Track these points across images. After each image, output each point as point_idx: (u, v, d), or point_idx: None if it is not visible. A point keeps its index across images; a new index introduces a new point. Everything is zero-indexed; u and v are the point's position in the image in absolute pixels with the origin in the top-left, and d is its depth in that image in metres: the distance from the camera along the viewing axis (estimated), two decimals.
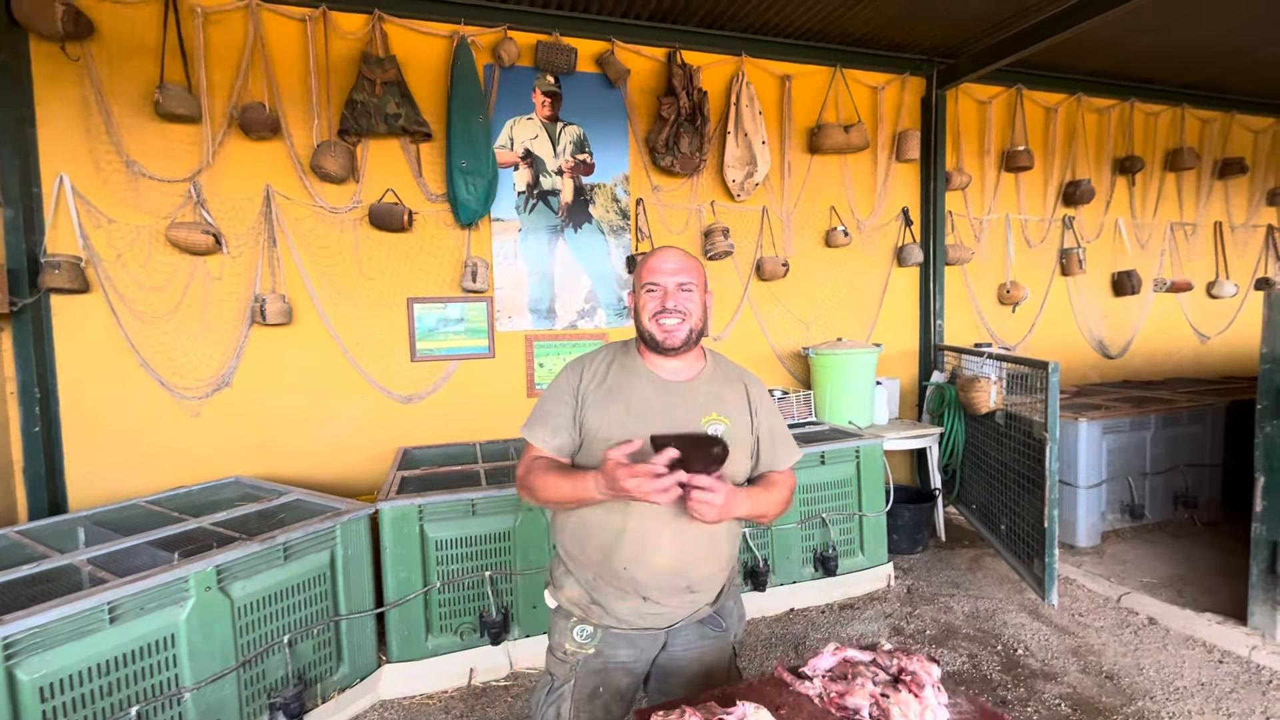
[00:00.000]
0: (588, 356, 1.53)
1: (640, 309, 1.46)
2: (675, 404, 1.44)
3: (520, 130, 3.73)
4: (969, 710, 1.20)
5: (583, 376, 1.47)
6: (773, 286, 4.33)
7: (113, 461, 3.15)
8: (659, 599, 1.41)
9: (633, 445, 1.25)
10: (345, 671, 2.55)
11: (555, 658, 1.49)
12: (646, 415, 1.40)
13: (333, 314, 3.47)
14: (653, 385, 1.45)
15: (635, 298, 1.50)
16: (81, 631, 1.84)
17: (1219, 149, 5.59)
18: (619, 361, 1.50)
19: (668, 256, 1.46)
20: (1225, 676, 2.61)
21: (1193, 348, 5.79)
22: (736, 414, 1.48)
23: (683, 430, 1.38)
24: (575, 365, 1.51)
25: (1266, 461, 2.75)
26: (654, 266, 1.45)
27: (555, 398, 1.48)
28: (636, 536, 1.38)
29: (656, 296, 1.43)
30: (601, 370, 1.48)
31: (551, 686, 1.47)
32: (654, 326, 1.43)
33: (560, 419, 1.45)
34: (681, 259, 1.47)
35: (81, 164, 3.04)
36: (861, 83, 4.42)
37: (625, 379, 1.46)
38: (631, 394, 1.44)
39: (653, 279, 1.44)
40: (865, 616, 3.22)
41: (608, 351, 1.53)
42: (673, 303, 1.42)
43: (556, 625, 1.50)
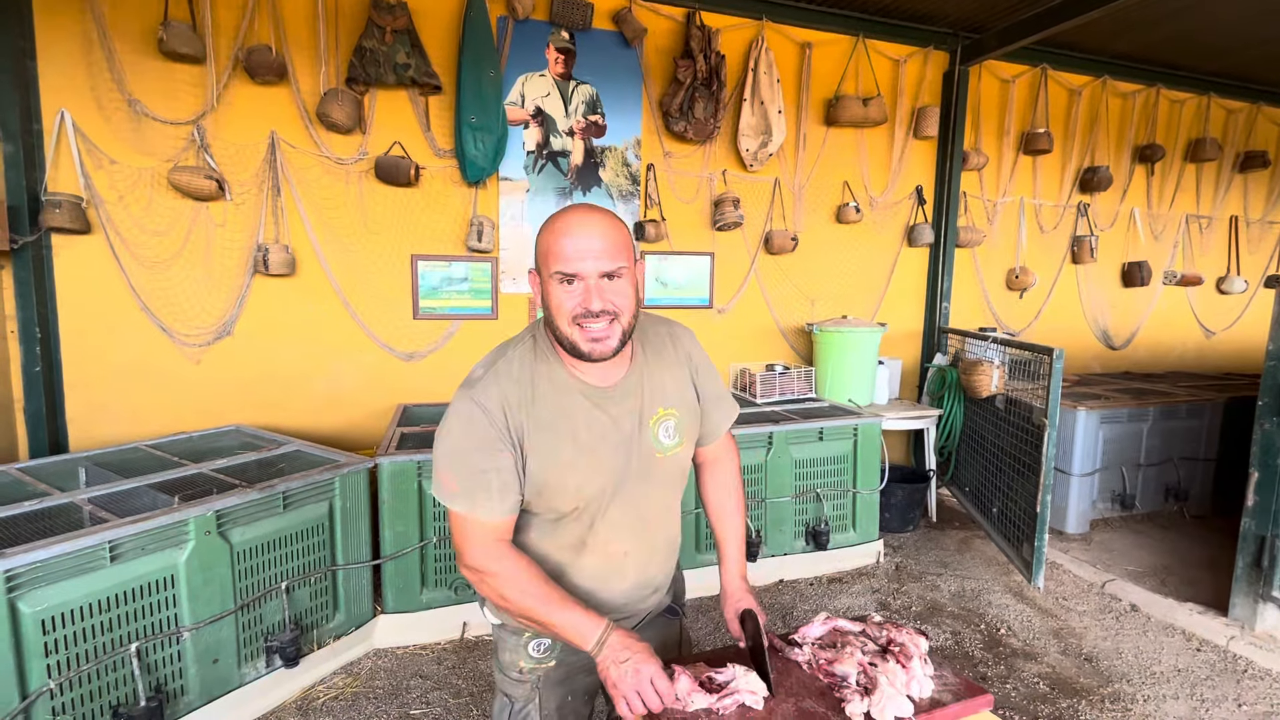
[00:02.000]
0: (495, 376, 1.14)
1: (552, 306, 1.10)
2: (619, 414, 1.19)
3: (532, 87, 3.64)
4: (954, 683, 1.23)
5: (506, 411, 1.11)
6: (780, 260, 4.29)
7: (113, 404, 3.16)
8: (624, 609, 1.30)
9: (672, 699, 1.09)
10: (341, 619, 2.60)
11: (510, 678, 1.28)
12: (594, 443, 1.16)
13: (336, 267, 3.44)
14: (589, 400, 1.17)
15: (541, 283, 1.13)
16: (83, 568, 1.87)
17: (1242, 141, 5.48)
18: (541, 375, 1.15)
19: (586, 230, 1.07)
20: (1202, 664, 2.67)
21: (1197, 342, 5.77)
22: (680, 396, 1.27)
23: (629, 450, 1.21)
24: (483, 394, 1.12)
25: (1262, 458, 2.76)
26: (567, 250, 1.06)
27: (481, 447, 1.10)
28: (596, 569, 1.24)
29: (575, 294, 1.08)
30: (526, 396, 1.13)
31: (513, 710, 1.28)
32: (577, 335, 1.09)
33: (504, 474, 1.11)
34: (606, 233, 1.08)
35: (83, 101, 2.97)
36: (883, 54, 4.31)
37: (558, 401, 1.15)
38: (573, 420, 1.15)
39: (566, 267, 1.06)
40: (853, 591, 3.27)
41: (518, 363, 1.16)
42: (598, 302, 1.07)
43: (505, 643, 1.28)
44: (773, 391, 3.87)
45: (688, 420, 1.29)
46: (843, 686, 1.18)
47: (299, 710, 2.32)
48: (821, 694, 1.18)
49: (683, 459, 1.30)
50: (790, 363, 4.32)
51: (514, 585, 1.12)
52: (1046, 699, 2.44)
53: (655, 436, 1.23)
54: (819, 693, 1.19)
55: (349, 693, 2.42)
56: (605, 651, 1.10)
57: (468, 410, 1.12)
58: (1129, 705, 2.40)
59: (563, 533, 1.21)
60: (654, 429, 1.23)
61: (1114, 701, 2.42)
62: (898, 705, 1.12)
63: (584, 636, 1.11)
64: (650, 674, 1.09)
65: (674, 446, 1.26)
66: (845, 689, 1.17)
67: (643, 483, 1.23)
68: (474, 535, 1.14)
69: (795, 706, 1.15)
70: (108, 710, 1.92)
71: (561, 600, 1.12)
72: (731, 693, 1.14)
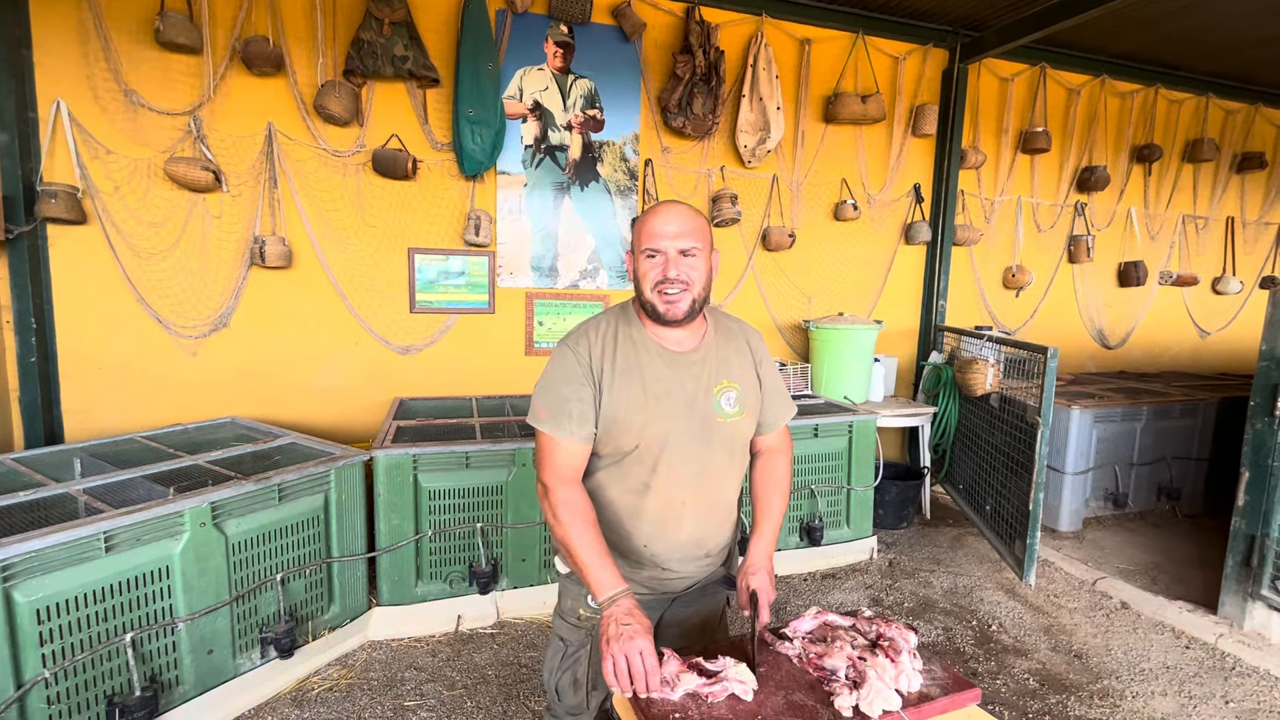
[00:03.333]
0: (586, 330, 1.40)
1: (640, 276, 1.35)
2: (686, 376, 1.37)
3: (530, 81, 3.63)
4: (942, 677, 1.24)
5: (591, 354, 1.35)
6: (777, 257, 4.29)
7: (109, 396, 3.15)
8: (677, 568, 1.41)
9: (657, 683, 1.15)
10: (336, 611, 2.60)
11: (568, 623, 1.45)
12: (661, 395, 1.34)
13: (333, 260, 3.44)
14: (661, 359, 1.37)
15: (634, 261, 1.37)
16: (78, 558, 1.87)
17: (1240, 142, 5.50)
18: (623, 334, 1.39)
19: (670, 216, 1.32)
20: (1190, 661, 2.69)
21: (1192, 343, 5.80)
22: (743, 375, 1.44)
23: (693, 408, 1.36)
24: (576, 341, 1.37)
25: (1253, 457, 2.78)
26: (655, 229, 1.32)
27: (569, 380, 1.34)
28: (657, 515, 1.37)
29: (658, 264, 1.32)
30: (609, 346, 1.37)
31: (565, 652, 1.44)
32: (656, 298, 1.33)
33: (584, 405, 1.33)
34: (686, 219, 1.33)
35: (79, 91, 2.96)
36: (883, 51, 4.31)
37: (634, 354, 1.36)
38: (644, 370, 1.35)
39: (653, 244, 1.32)
40: (846, 586, 3.29)
41: (607, 322, 1.41)
42: (675, 271, 1.31)
43: (568, 590, 1.45)
44: None
45: (749, 397, 1.44)
46: (832, 680, 1.19)
47: (294, 701, 2.33)
48: (811, 687, 1.20)
49: (741, 428, 1.43)
50: (786, 360, 4.33)
51: (567, 511, 1.29)
52: (1036, 695, 2.46)
53: (717, 403, 1.39)
54: (808, 686, 1.20)
55: (344, 684, 2.43)
56: (613, 608, 1.19)
57: (560, 354, 1.38)
58: (1117, 701, 2.42)
59: (629, 474, 1.36)
60: (717, 396, 1.39)
61: (1103, 698, 2.45)
62: (886, 699, 1.13)
63: (602, 586, 1.22)
64: (642, 646, 1.14)
65: (734, 414, 1.40)
66: (834, 682, 1.18)
67: (703, 444, 1.37)
68: (552, 455, 1.33)
69: (785, 699, 1.16)
70: (102, 700, 1.93)
71: (599, 548, 1.26)
72: (720, 680, 1.15)
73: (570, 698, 1.43)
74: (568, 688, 1.43)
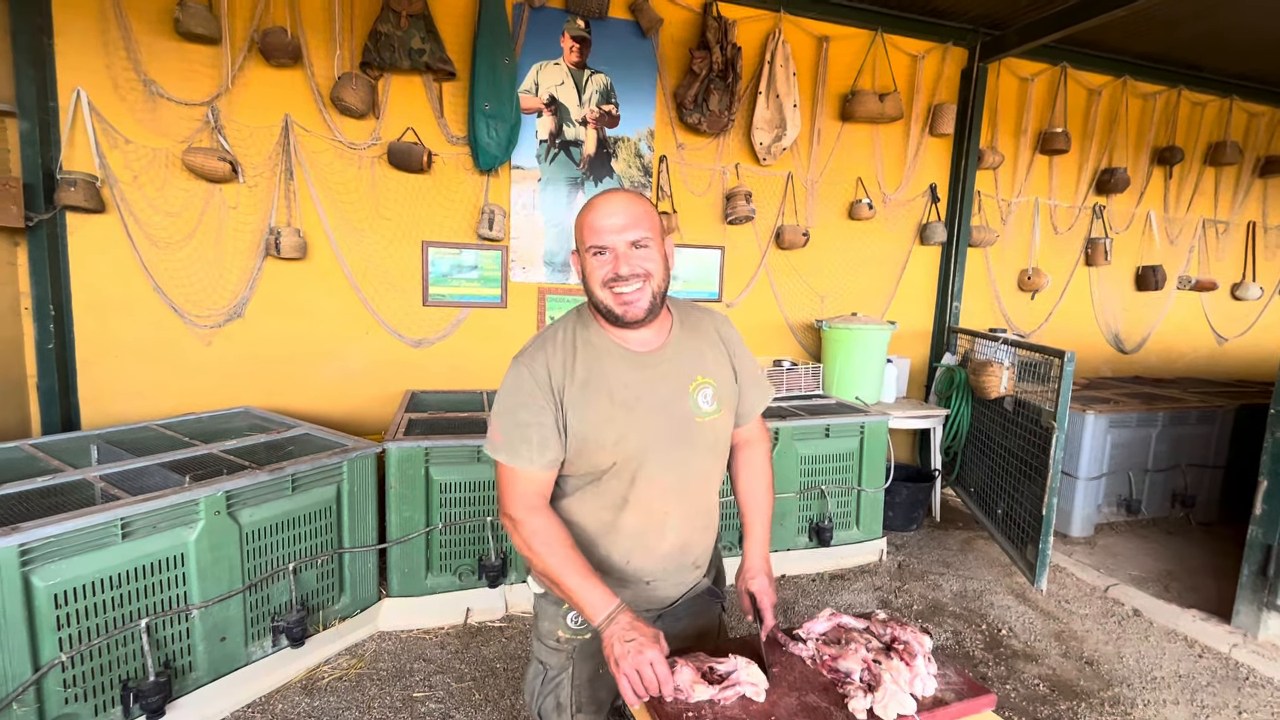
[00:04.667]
0: (543, 344, 1.26)
1: (588, 276, 1.22)
2: (655, 378, 1.26)
3: (546, 75, 3.62)
4: (957, 682, 1.23)
5: (550, 370, 1.22)
6: (791, 256, 4.27)
7: (125, 383, 3.18)
8: (661, 579, 1.35)
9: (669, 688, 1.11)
10: (346, 602, 2.62)
11: (547, 646, 1.36)
12: (632, 403, 1.23)
13: (347, 252, 3.45)
14: (626, 362, 1.25)
15: (579, 260, 1.25)
16: (94, 544, 1.89)
17: (1264, 145, 5.40)
18: (581, 340, 1.26)
19: (613, 207, 1.19)
20: (1203, 670, 2.66)
21: (1209, 348, 5.72)
22: (717, 369, 1.34)
23: (669, 412, 1.27)
24: (531, 357, 1.24)
25: (1273, 466, 2.74)
26: (597, 224, 1.19)
27: (526, 404, 1.22)
28: (636, 528, 1.29)
29: (606, 261, 1.20)
30: (568, 358, 1.24)
31: (546, 676, 1.37)
32: (609, 298, 1.20)
33: (544, 429, 1.21)
34: (631, 207, 1.20)
35: (99, 80, 2.98)
36: (901, 50, 4.26)
37: (596, 363, 1.24)
38: (609, 379, 1.23)
39: (598, 240, 1.19)
40: (855, 588, 3.28)
41: (563, 332, 1.28)
42: (627, 267, 1.19)
43: (545, 612, 1.36)
44: (780, 387, 3.87)
45: (726, 391, 1.35)
46: (846, 682, 1.18)
47: (304, 689, 2.35)
48: (825, 689, 1.19)
49: (721, 427, 1.35)
50: (798, 359, 4.31)
51: (542, 540, 1.20)
52: (1046, 701, 2.44)
53: (695, 402, 1.29)
54: (822, 688, 1.19)
55: (353, 674, 2.44)
56: (612, 628, 1.13)
57: (515, 373, 1.25)
58: (1129, 710, 2.40)
59: (605, 491, 1.27)
60: (693, 395, 1.29)
61: (1114, 705, 2.42)
62: (901, 703, 1.12)
63: (595, 609, 1.14)
64: (651, 657, 1.10)
65: (712, 413, 1.31)
66: (849, 685, 1.18)
67: (684, 447, 1.29)
68: (514, 485, 1.23)
69: (798, 700, 1.15)
70: (117, 684, 1.95)
71: (583, 570, 1.17)
72: (732, 684, 1.15)
73: None
74: (551, 711, 1.36)
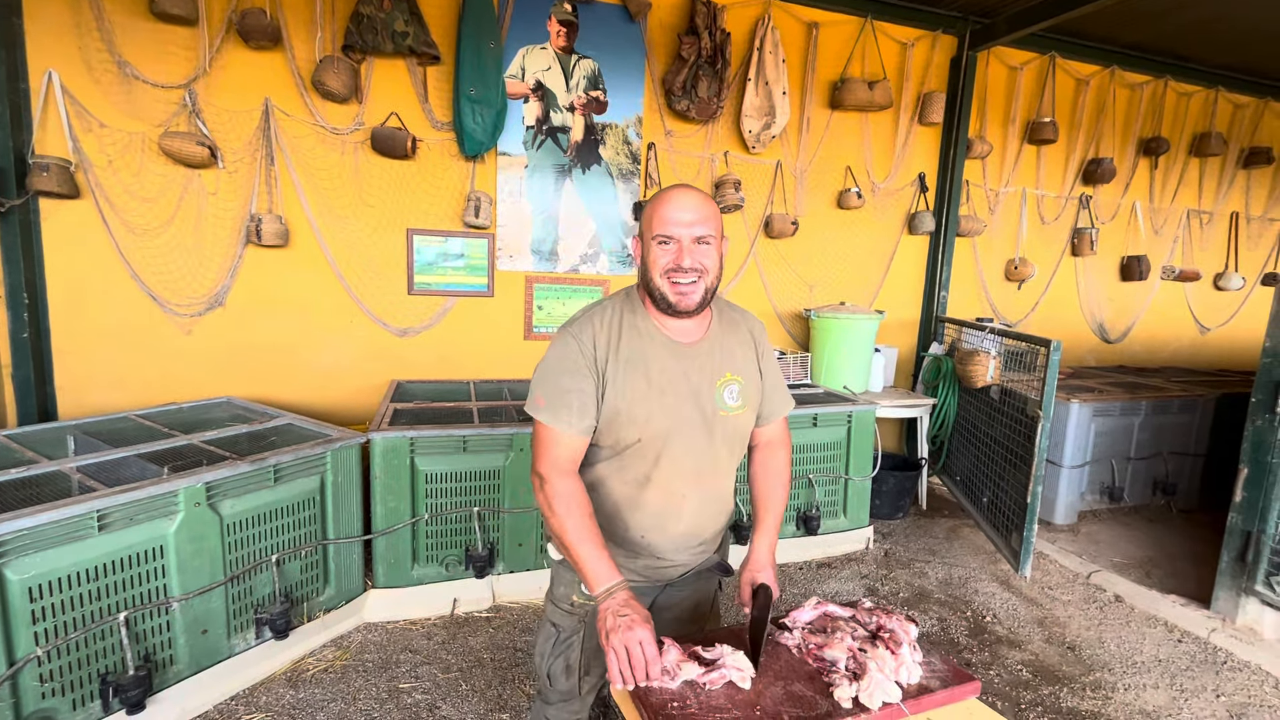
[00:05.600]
0: (591, 318, 1.33)
1: (650, 263, 1.29)
2: (690, 369, 1.34)
3: (532, 60, 3.57)
4: (942, 669, 1.23)
5: (595, 344, 1.30)
6: (780, 245, 4.25)
7: (103, 373, 3.12)
8: (672, 557, 1.41)
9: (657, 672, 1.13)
10: (331, 593, 2.60)
11: (560, 609, 1.43)
12: (666, 387, 1.31)
13: (330, 240, 3.39)
14: (667, 350, 1.33)
15: (642, 247, 1.31)
16: (70, 537, 1.85)
17: (1247, 137, 5.45)
18: (628, 323, 1.33)
19: (684, 202, 1.26)
20: (1182, 654, 2.71)
21: (1191, 338, 5.79)
22: (746, 368, 1.41)
23: (697, 402, 1.34)
24: (580, 329, 1.32)
25: (1253, 454, 2.78)
26: (668, 215, 1.25)
27: (571, 371, 1.29)
28: (657, 507, 1.35)
29: (670, 251, 1.26)
30: (614, 336, 1.31)
31: (558, 638, 1.43)
32: (667, 286, 1.27)
33: (585, 396, 1.28)
34: (702, 205, 1.27)
35: (71, 61, 2.89)
36: (891, 37, 4.24)
37: (639, 345, 1.32)
38: (649, 362, 1.31)
39: (666, 230, 1.25)
40: (842, 576, 3.30)
41: (611, 310, 1.35)
42: (689, 260, 1.25)
43: (561, 577, 1.44)
44: None
45: (751, 390, 1.42)
46: (831, 671, 1.18)
47: (288, 681, 2.33)
48: (810, 678, 1.19)
49: (743, 422, 1.41)
50: (787, 349, 4.31)
51: (562, 503, 1.26)
52: (1029, 686, 2.47)
53: (720, 396, 1.36)
54: (808, 676, 1.19)
55: (338, 665, 2.43)
56: (609, 601, 1.17)
57: (565, 343, 1.32)
58: (1109, 694, 2.44)
59: (630, 466, 1.34)
60: (720, 389, 1.36)
61: (1095, 690, 2.46)
62: (886, 690, 1.12)
63: (598, 578, 1.20)
64: (641, 636, 1.13)
65: (737, 408, 1.38)
66: (834, 673, 1.17)
67: (705, 435, 1.35)
68: (549, 446, 1.29)
69: (784, 690, 1.15)
70: (96, 678, 1.92)
71: (596, 540, 1.23)
72: (718, 668, 1.14)
73: (562, 683, 1.43)
74: (560, 673, 1.42)
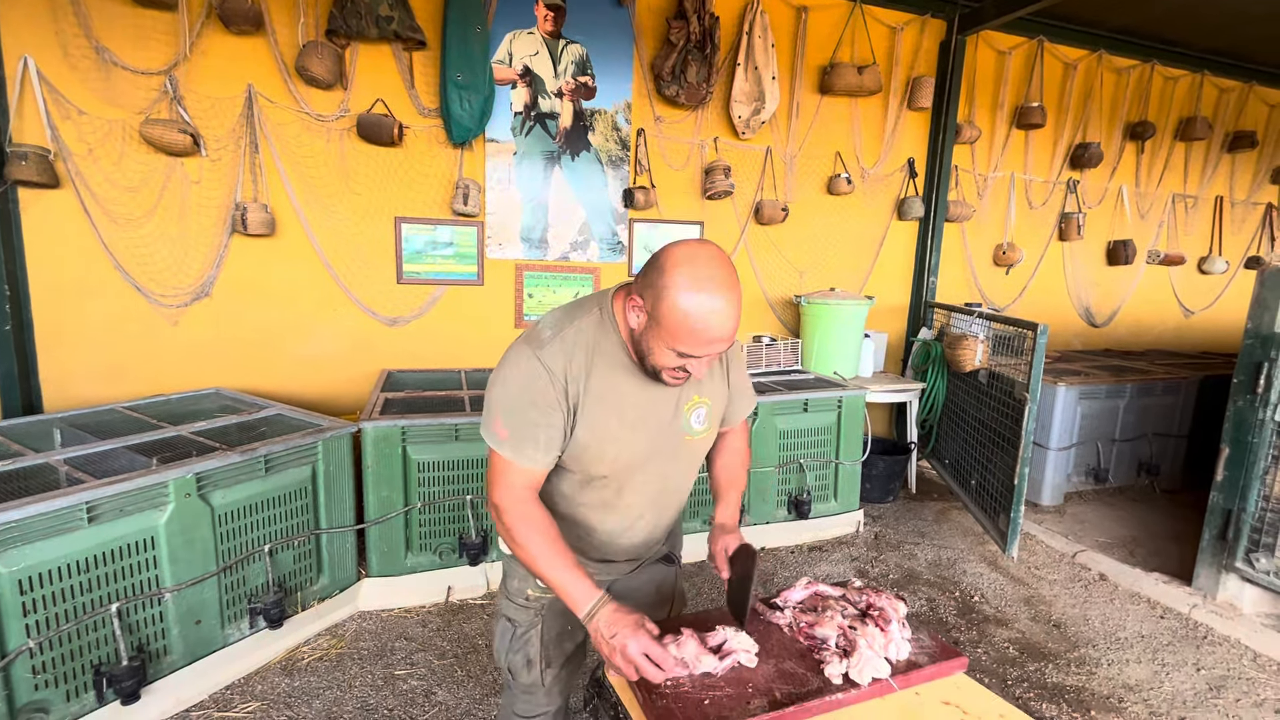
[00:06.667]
0: (560, 342, 1.19)
1: (654, 349, 1.14)
2: (660, 398, 1.26)
3: (520, 45, 3.53)
4: (931, 646, 1.26)
5: (567, 375, 1.18)
6: (770, 231, 4.25)
7: (88, 366, 3.09)
8: (620, 558, 1.42)
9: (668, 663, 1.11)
10: (325, 582, 2.60)
11: (515, 604, 1.40)
12: (637, 423, 1.24)
13: (317, 228, 3.35)
14: (635, 380, 1.23)
15: (648, 322, 1.12)
16: (60, 529, 1.84)
17: (1232, 121, 5.49)
18: (600, 351, 1.20)
19: (725, 326, 1.08)
20: (1164, 630, 2.77)
21: (1176, 321, 5.86)
22: (714, 389, 1.36)
23: (664, 430, 1.28)
24: (550, 357, 1.17)
25: (1234, 434, 2.82)
26: (703, 336, 1.07)
27: (539, 404, 1.17)
28: (614, 527, 1.34)
29: (688, 364, 1.14)
30: (584, 365, 1.19)
31: (514, 633, 1.40)
32: (665, 375, 1.18)
33: (552, 431, 1.18)
34: (736, 322, 1.10)
35: (48, 47, 2.83)
36: (880, 21, 4.22)
37: (611, 378, 1.21)
38: (622, 397, 1.22)
39: (693, 350, 1.10)
40: (832, 559, 3.34)
41: (581, 337, 1.20)
42: (701, 373, 1.17)
43: (514, 571, 1.40)
44: (759, 363, 3.88)
45: (717, 409, 1.38)
46: (822, 648, 1.20)
47: (284, 670, 2.33)
48: (802, 655, 1.21)
49: (707, 443, 1.40)
50: (777, 335, 4.33)
51: (527, 533, 1.19)
52: (1015, 662, 2.52)
53: (687, 421, 1.31)
54: (799, 654, 1.21)
55: (334, 654, 2.43)
56: (595, 623, 1.14)
57: (532, 368, 1.18)
58: (1093, 669, 2.49)
59: (592, 493, 1.30)
60: (687, 414, 1.31)
61: (1079, 665, 2.51)
62: (875, 667, 1.14)
63: (579, 603, 1.15)
64: (641, 648, 1.09)
65: (702, 431, 1.35)
66: (825, 651, 1.19)
67: (670, 461, 1.33)
68: (509, 478, 1.21)
69: (775, 667, 1.17)
70: (89, 669, 1.92)
71: (565, 562, 1.17)
72: (729, 653, 1.16)
73: (525, 677, 1.41)
74: (521, 668, 1.40)
